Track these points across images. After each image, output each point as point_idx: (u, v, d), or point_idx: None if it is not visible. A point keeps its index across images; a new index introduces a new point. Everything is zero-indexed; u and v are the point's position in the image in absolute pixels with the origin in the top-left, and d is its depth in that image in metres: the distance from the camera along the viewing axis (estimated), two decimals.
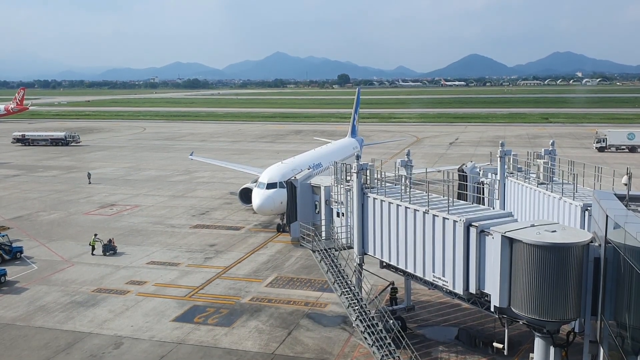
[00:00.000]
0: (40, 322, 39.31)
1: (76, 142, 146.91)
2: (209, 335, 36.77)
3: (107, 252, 53.75)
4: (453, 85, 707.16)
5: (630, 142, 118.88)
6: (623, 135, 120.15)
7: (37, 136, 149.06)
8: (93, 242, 54.29)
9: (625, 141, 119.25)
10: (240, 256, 53.28)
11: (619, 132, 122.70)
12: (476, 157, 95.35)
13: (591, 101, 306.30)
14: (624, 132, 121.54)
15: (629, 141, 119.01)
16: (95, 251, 53.88)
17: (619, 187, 27.60)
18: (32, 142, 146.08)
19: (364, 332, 30.60)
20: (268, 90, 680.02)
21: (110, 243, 54.60)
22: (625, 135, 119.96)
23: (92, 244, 54.15)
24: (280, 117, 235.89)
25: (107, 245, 54.24)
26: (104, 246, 54.06)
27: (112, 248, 54.32)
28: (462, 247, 26.69)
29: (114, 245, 54.67)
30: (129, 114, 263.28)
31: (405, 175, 35.61)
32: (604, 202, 23.84)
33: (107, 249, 53.91)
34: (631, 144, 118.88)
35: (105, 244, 54.21)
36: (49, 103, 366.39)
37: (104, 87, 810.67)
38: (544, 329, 24.78)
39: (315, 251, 35.10)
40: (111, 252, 53.96)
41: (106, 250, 53.83)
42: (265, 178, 58.61)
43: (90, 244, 54.29)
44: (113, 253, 53.96)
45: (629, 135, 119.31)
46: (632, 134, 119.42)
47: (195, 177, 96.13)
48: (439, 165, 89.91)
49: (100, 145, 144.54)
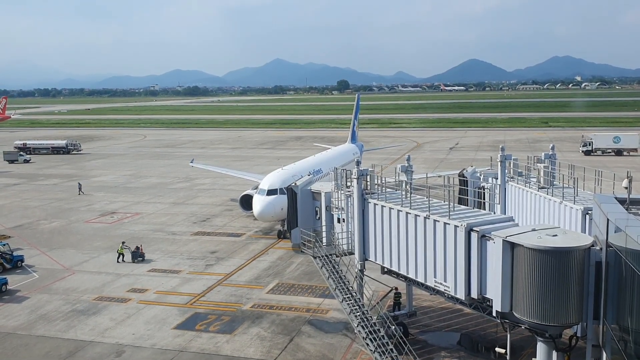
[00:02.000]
0: (42, 331, 39.23)
1: (77, 150, 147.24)
2: (210, 343, 36.69)
3: (136, 259, 53.82)
4: (453, 90, 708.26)
5: (616, 146, 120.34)
6: (609, 139, 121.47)
7: (38, 145, 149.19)
8: (121, 249, 54.39)
9: (611, 144, 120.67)
10: (241, 263, 53.24)
11: (604, 136, 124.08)
12: (476, 162, 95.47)
13: (591, 105, 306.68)
14: (610, 136, 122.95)
15: (615, 144, 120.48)
16: (124, 258, 53.98)
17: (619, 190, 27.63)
18: (34, 150, 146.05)
19: (366, 338, 30.52)
20: (268, 96, 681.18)
21: (139, 250, 54.68)
22: (611, 138, 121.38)
23: (120, 251, 54.27)
24: (280, 123, 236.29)
25: (136, 252, 54.33)
26: (133, 253, 54.14)
27: (141, 255, 54.43)
28: (464, 252, 26.67)
29: (142, 252, 54.78)
30: (129, 121, 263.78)
31: (405, 181, 35.60)
32: (605, 205, 23.85)
33: (135, 256, 54.01)
34: (617, 147, 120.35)
35: (133, 251, 54.31)
36: (49, 111, 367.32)
37: (104, 95, 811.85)
38: (546, 333, 24.72)
39: (316, 257, 35.06)
40: (140, 259, 54.07)
41: (135, 257, 53.91)
42: (265, 184, 58.63)
43: (118, 252, 54.37)
44: (142, 260, 54.04)
45: (614, 139, 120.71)
46: (617, 137, 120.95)
47: (196, 184, 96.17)
48: (439, 170, 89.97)
49: (101, 153, 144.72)
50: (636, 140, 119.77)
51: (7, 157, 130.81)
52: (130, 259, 53.69)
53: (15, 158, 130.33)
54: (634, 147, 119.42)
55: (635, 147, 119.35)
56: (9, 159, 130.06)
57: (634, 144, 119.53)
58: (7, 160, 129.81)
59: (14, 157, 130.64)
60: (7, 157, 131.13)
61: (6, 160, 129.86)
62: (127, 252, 54.22)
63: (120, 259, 53.82)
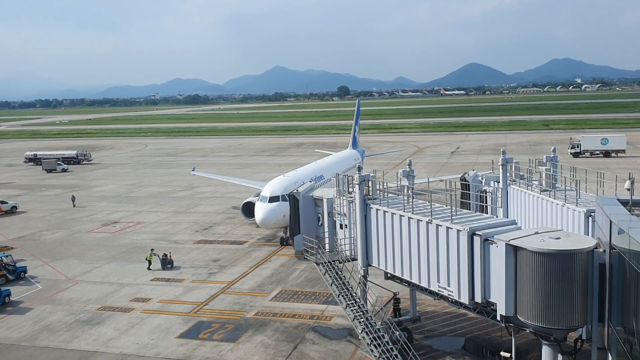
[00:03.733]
0: (45, 342, 39.18)
1: (87, 160, 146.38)
2: (214, 351, 36.60)
3: (166, 266, 54.28)
4: (453, 94, 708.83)
5: (604, 147, 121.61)
6: (597, 141, 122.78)
7: (48, 155, 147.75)
8: (150, 256, 54.79)
9: (599, 146, 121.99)
10: (244, 270, 53.18)
11: (592, 138, 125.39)
12: (478, 166, 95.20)
13: (591, 107, 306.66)
14: (598, 138, 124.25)
15: (603, 146, 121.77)
16: (152, 266, 54.37)
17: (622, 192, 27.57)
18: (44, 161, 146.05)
19: (370, 344, 30.44)
20: (268, 104, 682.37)
21: (167, 257, 55.05)
22: (599, 140, 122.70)
23: (149, 258, 54.65)
24: (281, 130, 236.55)
25: (165, 259, 54.70)
26: (162, 260, 54.54)
27: (170, 262, 54.85)
28: (467, 257, 26.61)
29: (170, 259, 55.17)
30: (130, 131, 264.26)
31: (407, 186, 35.58)
32: (608, 207, 23.79)
33: (165, 263, 54.45)
34: (605, 148, 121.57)
35: (162, 259, 54.66)
36: (51, 122, 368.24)
37: (105, 105, 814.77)
38: (551, 336, 24.62)
39: (319, 264, 35.03)
40: (169, 265, 54.47)
41: (164, 265, 54.35)
42: (267, 191, 58.62)
43: (147, 259, 54.72)
44: (171, 267, 54.42)
45: (602, 141, 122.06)
46: (605, 139, 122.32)
47: (198, 192, 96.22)
48: (441, 175, 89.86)
49: (102, 163, 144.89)
50: (624, 142, 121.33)
51: (46, 167, 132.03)
52: (160, 267, 54.19)
53: (54, 167, 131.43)
54: (621, 148, 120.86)
55: (623, 148, 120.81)
56: (47, 169, 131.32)
57: (622, 145, 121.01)
58: (46, 169, 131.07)
59: (52, 167, 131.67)
60: (45, 166, 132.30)
61: (44, 169, 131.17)
62: (156, 259, 54.73)
63: (150, 267, 54.28)
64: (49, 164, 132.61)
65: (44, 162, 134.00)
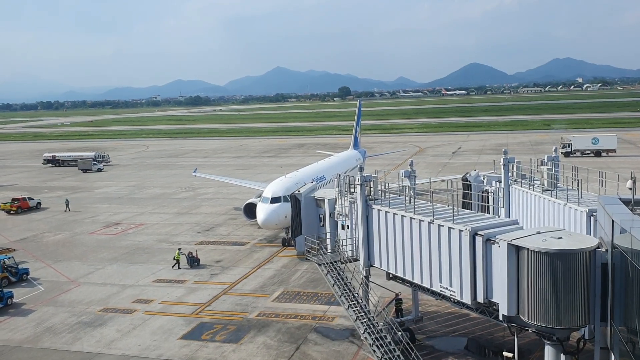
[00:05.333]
0: (48, 343, 39.23)
1: (106, 162, 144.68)
2: (217, 352, 36.61)
3: (194, 264, 54.81)
4: (454, 94, 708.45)
5: (595, 147, 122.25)
6: (587, 140, 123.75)
7: (67, 157, 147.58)
8: (178, 255, 55.22)
9: (590, 146, 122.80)
10: (246, 271, 53.19)
11: (583, 137, 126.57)
12: (479, 166, 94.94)
13: (593, 106, 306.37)
14: (588, 137, 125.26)
15: (593, 146, 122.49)
16: (180, 264, 54.79)
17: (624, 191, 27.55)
18: (63, 162, 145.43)
19: (373, 344, 30.44)
20: (269, 105, 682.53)
21: (194, 256, 55.54)
22: (589, 140, 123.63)
23: (177, 257, 55.08)
24: (282, 131, 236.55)
25: (192, 257, 55.18)
26: (190, 259, 55.03)
27: (197, 260, 55.29)
28: (469, 257, 26.60)
29: (197, 257, 55.61)
30: (132, 132, 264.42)
31: (409, 186, 35.58)
32: (610, 207, 23.78)
33: (192, 261, 54.94)
34: (596, 148, 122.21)
35: (190, 257, 55.11)
36: (52, 124, 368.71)
37: (107, 106, 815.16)
38: (554, 336, 24.62)
39: (321, 264, 35.03)
40: (196, 264, 54.91)
41: (192, 263, 54.86)
42: (269, 192, 58.64)
43: (174, 258, 55.14)
44: (197, 265, 54.83)
45: (593, 140, 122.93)
46: (596, 138, 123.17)
47: (200, 193, 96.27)
48: (442, 175, 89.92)
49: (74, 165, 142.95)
50: (614, 141, 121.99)
51: (81, 167, 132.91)
52: (189, 265, 54.73)
53: (89, 167, 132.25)
54: (612, 148, 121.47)
55: (614, 147, 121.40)
56: (83, 168, 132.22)
57: (612, 144, 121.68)
58: (81, 169, 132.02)
59: (87, 167, 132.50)
60: (81, 166, 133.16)
61: (80, 169, 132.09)
62: (184, 258, 55.18)
63: (177, 266, 54.67)
64: (84, 163, 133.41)
65: (79, 162, 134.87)
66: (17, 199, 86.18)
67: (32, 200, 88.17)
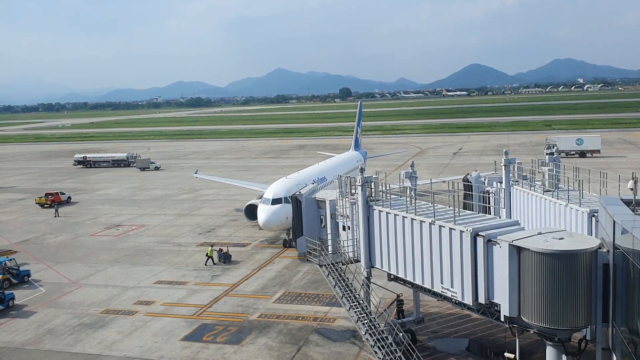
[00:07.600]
0: (49, 345, 39.23)
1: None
2: (218, 354, 36.61)
3: (226, 260, 55.86)
4: (455, 95, 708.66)
5: (579, 148, 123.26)
6: (572, 141, 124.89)
7: (98, 158, 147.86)
8: (210, 252, 56.11)
9: (575, 147, 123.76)
10: (247, 273, 53.19)
11: (568, 138, 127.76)
12: (480, 166, 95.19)
13: (593, 107, 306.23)
14: (573, 138, 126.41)
15: (578, 146, 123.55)
16: (213, 261, 55.88)
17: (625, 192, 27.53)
18: (94, 164, 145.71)
19: (374, 346, 30.41)
20: (270, 106, 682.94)
21: (226, 252, 56.59)
22: (574, 141, 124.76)
23: (210, 254, 55.95)
24: (283, 132, 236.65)
25: (225, 254, 56.22)
26: (224, 255, 56.07)
27: (229, 256, 56.31)
28: (470, 258, 26.58)
29: (228, 253, 56.65)
30: (133, 134, 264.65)
31: (410, 187, 35.57)
32: (611, 207, 23.76)
33: (225, 257, 55.99)
34: (580, 149, 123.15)
35: (222, 253, 56.16)
36: (54, 126, 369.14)
37: (108, 108, 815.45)
38: (555, 337, 24.58)
39: (322, 266, 35.00)
40: (228, 260, 55.95)
41: (225, 259, 55.98)
42: (270, 194, 58.65)
43: (207, 255, 56.03)
44: (229, 261, 55.96)
45: (577, 141, 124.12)
46: (580, 139, 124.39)
47: (201, 195, 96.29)
48: (443, 176, 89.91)
49: (105, 166, 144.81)
50: (598, 142, 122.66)
51: (139, 165, 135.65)
52: (221, 261, 55.85)
53: (147, 166, 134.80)
54: (596, 148, 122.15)
55: (598, 148, 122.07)
56: (140, 167, 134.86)
57: (597, 145, 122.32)
58: (139, 168, 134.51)
59: (145, 165, 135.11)
60: (139, 165, 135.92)
61: (138, 168, 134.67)
62: (216, 254, 56.13)
63: (210, 262, 55.65)
64: (142, 162, 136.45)
65: (137, 161, 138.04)
66: (50, 193, 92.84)
67: (64, 194, 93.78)
